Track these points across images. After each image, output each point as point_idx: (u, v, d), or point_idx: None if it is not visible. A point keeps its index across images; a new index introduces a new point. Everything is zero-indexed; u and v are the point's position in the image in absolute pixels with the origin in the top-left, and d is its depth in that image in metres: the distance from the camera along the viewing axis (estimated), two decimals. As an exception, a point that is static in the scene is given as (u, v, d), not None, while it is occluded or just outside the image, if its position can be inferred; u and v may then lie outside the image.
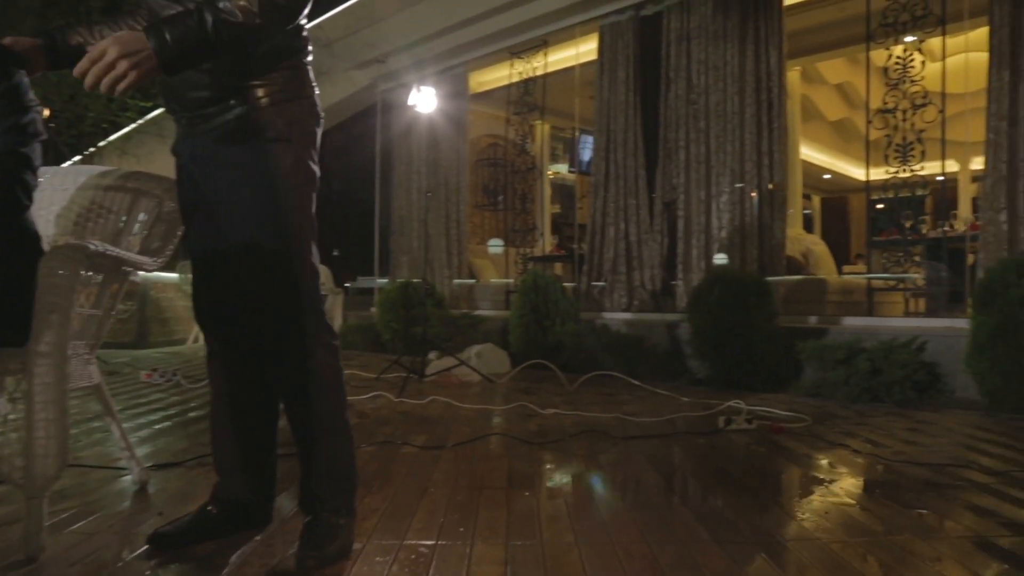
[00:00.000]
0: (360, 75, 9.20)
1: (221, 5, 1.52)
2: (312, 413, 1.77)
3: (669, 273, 6.46)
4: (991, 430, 3.47)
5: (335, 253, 16.26)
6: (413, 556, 1.75)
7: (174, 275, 8.54)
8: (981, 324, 3.99)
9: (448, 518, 2.05)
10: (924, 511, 2.15)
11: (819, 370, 4.53)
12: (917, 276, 5.53)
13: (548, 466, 2.73)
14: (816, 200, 16.74)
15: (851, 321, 5.32)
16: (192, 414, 3.81)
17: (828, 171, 13.87)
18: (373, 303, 8.92)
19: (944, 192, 5.64)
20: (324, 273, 9.14)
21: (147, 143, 9.71)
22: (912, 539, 1.89)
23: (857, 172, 13.15)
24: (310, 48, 1.82)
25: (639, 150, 6.63)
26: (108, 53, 1.43)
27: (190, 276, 1.94)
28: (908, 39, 5.32)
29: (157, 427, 3.43)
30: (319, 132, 1.81)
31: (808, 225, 15.62)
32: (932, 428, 3.53)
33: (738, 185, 5.94)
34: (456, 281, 8.59)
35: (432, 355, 6.21)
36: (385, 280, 9.28)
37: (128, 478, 2.37)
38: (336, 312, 9.31)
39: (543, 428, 3.46)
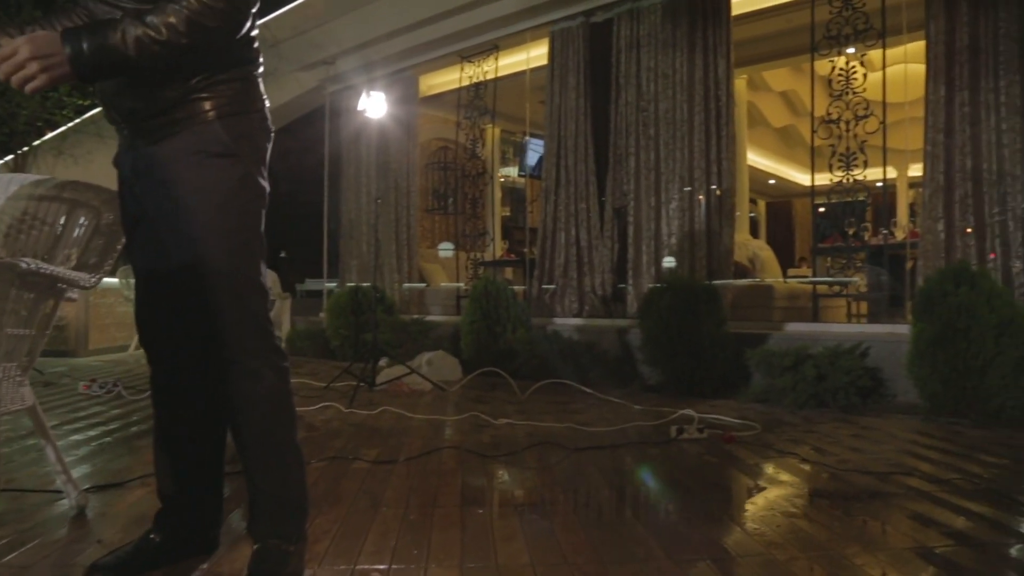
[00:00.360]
0: (308, 77, 9.06)
1: (147, 20, 1.47)
2: (260, 438, 1.72)
3: (619, 278, 6.50)
4: (932, 435, 3.56)
5: (282, 255, 15.99)
6: (366, 583, 1.71)
7: (114, 280, 8.29)
8: (921, 331, 4.09)
9: (401, 539, 2.01)
10: (867, 520, 2.18)
11: (767, 376, 4.59)
12: (859, 282, 5.66)
13: (501, 481, 2.70)
14: (762, 204, 17.08)
15: (797, 327, 5.43)
16: (134, 428, 3.69)
17: (773, 176, 14.16)
18: (322, 307, 8.79)
19: (885, 198, 5.78)
20: (271, 278, 9.01)
21: (85, 143, 9.39)
22: (855, 550, 1.91)
23: (801, 177, 13.46)
24: (261, 60, 1.77)
25: (589, 156, 6.65)
26: (20, 52, 1.39)
27: (132, 281, 1.86)
28: (850, 51, 5.45)
29: (97, 444, 3.30)
30: (268, 147, 1.76)
31: (754, 229, 15.94)
32: (876, 434, 3.60)
33: (687, 189, 6.00)
34: (406, 285, 8.52)
35: (383, 362, 6.14)
36: (334, 283, 9.16)
37: (65, 502, 2.27)
38: (284, 317, 9.19)
39: (496, 439, 3.44)
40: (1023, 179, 4.71)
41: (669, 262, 6.07)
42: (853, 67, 5.41)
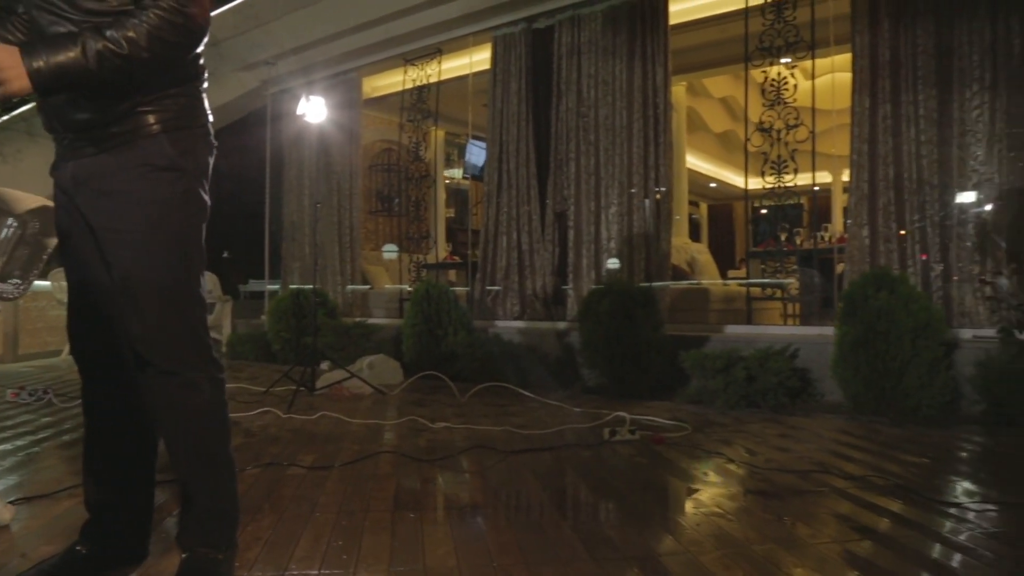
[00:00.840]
0: (249, 77, 8.95)
1: (108, 34, 1.48)
2: (194, 450, 1.73)
3: (561, 281, 6.59)
4: (853, 434, 3.72)
5: (225, 255, 15.72)
6: (293, 589, 1.74)
7: (46, 283, 8.07)
8: (845, 333, 4.27)
9: (332, 545, 2.04)
10: (790, 519, 2.29)
11: (701, 378, 4.73)
12: (791, 283, 5.86)
13: (435, 485, 2.74)
14: (703, 207, 17.43)
15: (732, 329, 5.59)
16: (66, 437, 3.63)
17: (714, 180, 14.47)
18: (264, 309, 8.70)
19: (816, 203, 5.99)
20: (212, 280, 8.88)
21: (15, 140, 9.10)
22: (778, 549, 2.01)
23: (741, 181, 13.78)
24: (206, 76, 1.78)
25: (531, 160, 6.73)
26: None
27: (64, 284, 1.86)
28: (784, 60, 5.64)
29: (25, 454, 3.24)
30: (211, 162, 1.78)
31: (696, 230, 16.25)
32: (802, 434, 3.75)
33: (632, 191, 6.11)
34: (350, 288, 8.48)
35: (324, 366, 6.12)
36: (277, 285, 9.07)
37: (-11, 514, 2.24)
38: (225, 320, 9.06)
39: (433, 443, 3.48)
40: (940, 188, 4.94)
41: (613, 263, 6.18)
42: (784, 78, 5.59)
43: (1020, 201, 4.73)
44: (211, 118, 1.79)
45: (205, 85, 1.78)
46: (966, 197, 4.90)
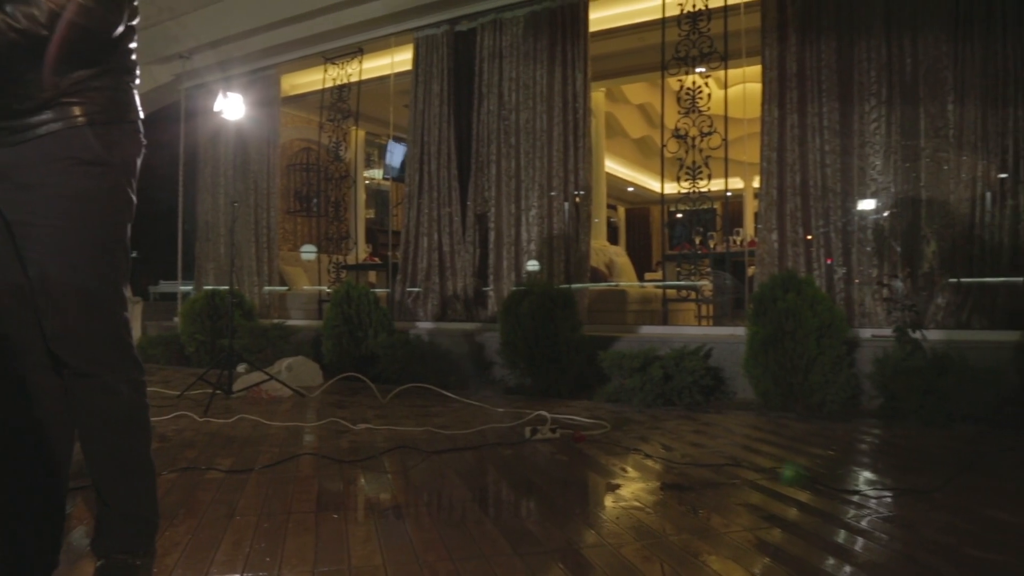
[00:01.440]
0: (161, 70, 8.67)
1: (6, 8, 1.44)
2: (113, 454, 1.69)
3: (481, 283, 6.63)
4: (763, 429, 3.89)
5: (134, 255, 15.15)
6: (216, 592, 1.72)
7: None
8: (755, 333, 4.46)
9: (254, 547, 2.02)
10: (705, 511, 2.39)
11: (619, 377, 4.85)
12: (705, 284, 6.06)
13: (358, 486, 2.74)
14: (621, 211, 17.78)
15: (649, 330, 5.75)
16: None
17: (632, 184, 14.80)
18: (176, 311, 8.44)
19: (728, 208, 6.22)
20: (119, 280, 8.52)
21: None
22: (693, 539, 2.10)
23: (658, 186, 14.14)
24: (138, 73, 1.74)
25: (452, 162, 6.75)
26: None
27: None
28: (700, 70, 5.84)
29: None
30: (140, 160, 1.74)
31: (614, 234, 16.57)
32: (715, 430, 3.90)
33: (552, 194, 6.21)
34: (267, 289, 8.32)
35: (241, 368, 5.99)
36: (190, 286, 8.81)
37: None
38: (135, 322, 8.72)
39: (355, 445, 3.47)
40: (842, 195, 5.21)
41: (532, 265, 6.26)
42: (699, 87, 5.79)
43: (914, 209, 5.03)
44: (142, 115, 1.75)
45: (137, 82, 1.74)
46: (866, 204, 5.18)
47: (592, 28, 6.34)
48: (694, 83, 5.81)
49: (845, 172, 5.22)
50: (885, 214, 5.11)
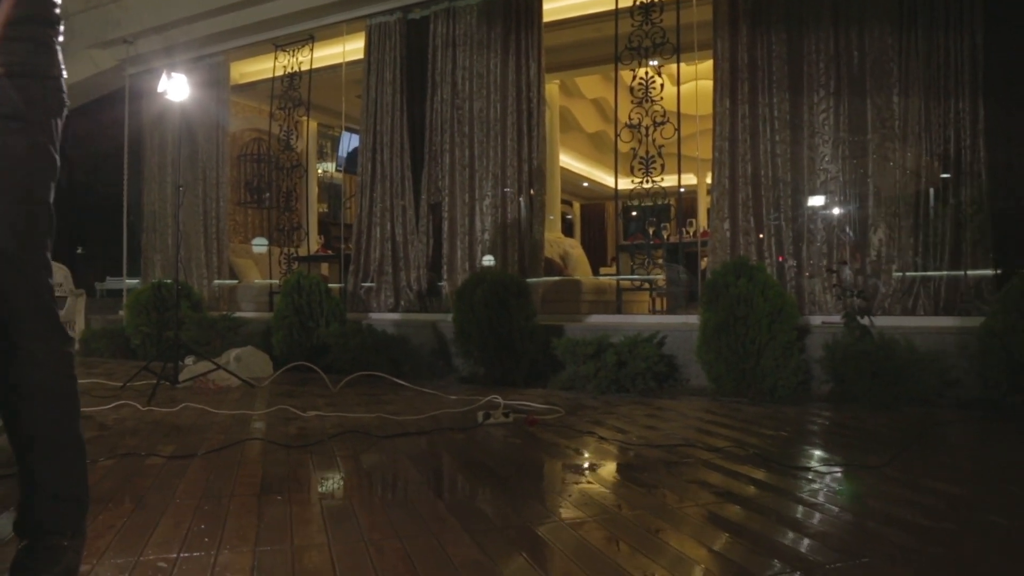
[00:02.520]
0: (104, 55, 8.41)
1: None
2: (37, 428, 1.59)
3: (435, 274, 6.57)
4: (716, 412, 3.91)
5: (79, 251, 14.72)
6: (150, 572, 1.65)
7: None
8: (708, 320, 4.48)
9: (193, 529, 1.95)
10: (661, 490, 2.37)
11: (573, 365, 4.83)
12: (659, 277, 6.09)
13: (305, 469, 2.67)
14: (576, 206, 17.82)
15: (602, 319, 5.75)
16: None
17: (586, 179, 14.84)
18: (123, 304, 8.20)
19: (681, 201, 6.26)
20: (61, 273, 8.28)
21: None
22: (649, 515, 2.08)
23: (612, 181, 14.22)
24: (62, 28, 1.65)
25: (406, 152, 6.68)
26: None
27: None
28: (653, 63, 5.85)
29: None
30: (62, 120, 1.64)
31: (569, 229, 16.61)
32: (668, 414, 3.90)
33: (507, 190, 6.18)
34: (217, 282, 8.13)
35: (190, 360, 5.83)
36: (136, 281, 8.57)
37: None
38: (78, 316, 8.46)
39: (304, 431, 3.39)
40: (792, 185, 5.27)
41: (488, 260, 6.22)
42: (652, 77, 5.81)
43: (862, 199, 5.11)
44: (65, 74, 1.66)
45: (60, 38, 1.65)
46: (816, 194, 5.25)
47: (546, 18, 6.32)
48: (647, 73, 5.83)
49: (795, 162, 5.29)
50: (834, 205, 5.19)
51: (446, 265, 6.41)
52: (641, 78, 5.82)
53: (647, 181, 5.79)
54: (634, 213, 6.42)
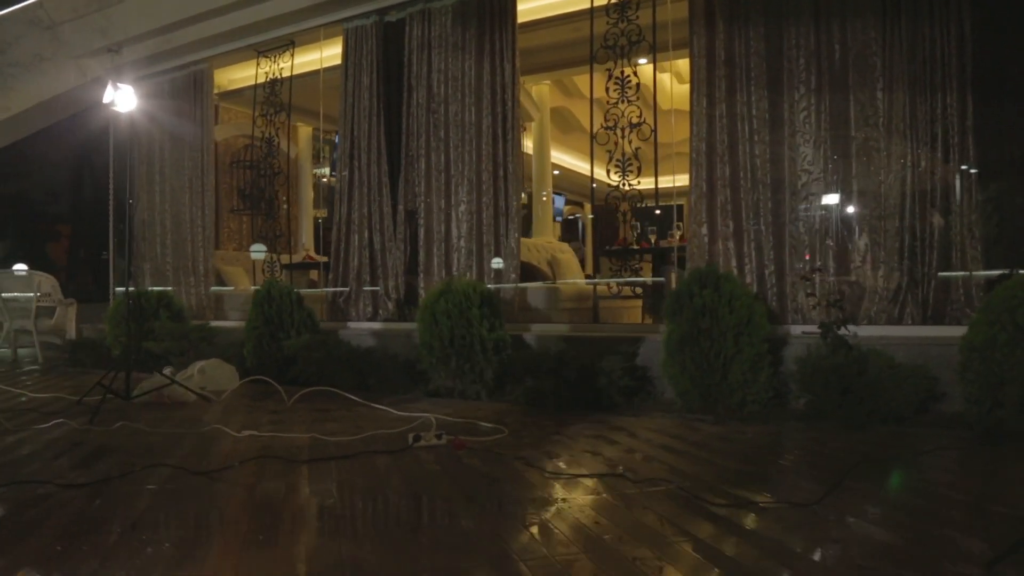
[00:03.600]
0: (92, 64, 8.36)
1: None
2: None
3: (413, 281, 6.41)
4: (668, 433, 3.72)
5: (103, 256, 14.84)
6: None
7: None
8: (671, 332, 4.25)
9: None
10: (546, 526, 2.18)
11: (533, 378, 4.61)
12: (640, 281, 5.86)
13: (192, 500, 2.51)
14: (587, 208, 17.57)
15: (577, 328, 5.54)
16: None
17: (594, 181, 14.58)
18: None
19: (656, 200, 6.05)
20: (49, 283, 8.28)
21: None
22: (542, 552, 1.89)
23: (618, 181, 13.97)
24: None
25: (383, 157, 6.53)
26: None
27: None
28: (642, 62, 5.64)
29: None
30: None
31: (575, 230, 16.37)
32: (618, 435, 3.69)
33: (483, 190, 5.98)
34: (214, 289, 8.05)
35: (167, 371, 5.72)
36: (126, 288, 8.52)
37: None
38: (69, 325, 8.46)
39: (226, 454, 3.23)
40: (772, 187, 5.01)
41: (496, 264, 5.96)
42: (628, 76, 5.60)
43: (845, 200, 4.85)
44: None
45: None
46: (798, 195, 4.98)
47: (522, 19, 6.13)
48: (622, 72, 5.62)
49: (776, 163, 5.03)
50: (817, 207, 4.93)
51: (423, 272, 6.24)
52: (617, 77, 5.62)
53: (625, 184, 5.58)
54: (636, 222, 6.19)
